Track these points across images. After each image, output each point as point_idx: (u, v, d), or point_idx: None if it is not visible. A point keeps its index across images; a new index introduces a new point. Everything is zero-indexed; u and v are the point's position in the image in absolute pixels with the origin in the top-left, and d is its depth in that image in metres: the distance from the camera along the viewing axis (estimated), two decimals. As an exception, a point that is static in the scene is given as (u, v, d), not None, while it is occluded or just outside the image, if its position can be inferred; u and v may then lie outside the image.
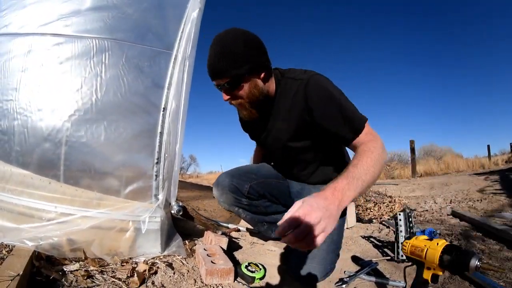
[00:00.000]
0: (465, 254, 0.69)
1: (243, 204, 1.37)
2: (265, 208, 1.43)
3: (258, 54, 1.04)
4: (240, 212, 1.41)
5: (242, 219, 1.50)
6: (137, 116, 1.23)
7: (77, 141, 1.15)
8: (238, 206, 1.38)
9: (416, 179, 7.07)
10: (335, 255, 1.21)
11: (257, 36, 1.06)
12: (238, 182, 1.34)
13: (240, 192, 1.34)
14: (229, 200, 1.36)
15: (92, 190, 1.16)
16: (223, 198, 1.37)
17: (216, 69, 1.01)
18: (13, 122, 1.16)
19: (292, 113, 1.11)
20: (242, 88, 1.04)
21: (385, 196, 3.33)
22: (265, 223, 1.49)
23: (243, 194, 1.35)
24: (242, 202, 1.37)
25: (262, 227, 1.50)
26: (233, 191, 1.34)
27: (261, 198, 1.40)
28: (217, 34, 1.03)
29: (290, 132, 1.16)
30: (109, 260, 1.09)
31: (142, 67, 1.23)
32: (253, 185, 1.36)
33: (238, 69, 1.00)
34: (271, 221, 1.49)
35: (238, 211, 1.40)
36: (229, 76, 1.00)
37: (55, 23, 1.20)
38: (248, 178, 1.36)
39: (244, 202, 1.37)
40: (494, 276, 1.07)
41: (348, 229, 2.02)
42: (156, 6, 1.30)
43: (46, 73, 1.18)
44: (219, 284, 1.05)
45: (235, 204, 1.38)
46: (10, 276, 0.80)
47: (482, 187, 3.83)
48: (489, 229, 1.65)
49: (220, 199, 1.38)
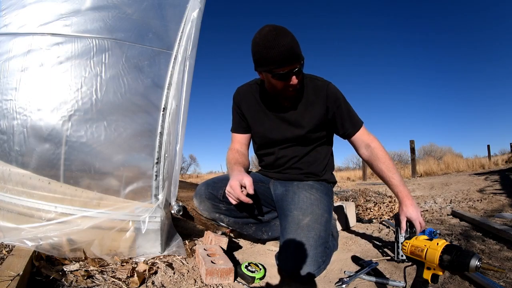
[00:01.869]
0: (465, 254, 0.69)
1: (222, 209, 1.39)
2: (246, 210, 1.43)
3: None
4: (222, 218, 1.41)
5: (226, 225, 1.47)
6: (137, 116, 1.23)
7: (77, 141, 1.15)
8: (218, 212, 1.40)
9: (416, 179, 7.08)
10: (324, 247, 1.21)
11: None
12: (213, 189, 1.39)
13: (216, 198, 1.37)
14: (208, 208, 1.38)
15: (92, 190, 1.16)
16: (202, 206, 1.39)
17: (295, 53, 1.14)
18: (12, 121, 1.16)
19: (316, 106, 1.35)
20: (302, 73, 1.26)
21: (385, 196, 3.33)
22: (251, 224, 1.49)
23: (219, 199, 1.37)
24: (221, 208, 1.39)
25: (250, 229, 1.49)
26: (209, 197, 1.37)
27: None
28: (272, 27, 1.14)
29: (313, 122, 1.36)
30: (109, 260, 1.09)
31: (142, 67, 1.23)
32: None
33: (303, 57, 1.19)
34: (256, 221, 1.49)
35: (220, 217, 1.41)
36: (303, 60, 1.19)
37: (55, 22, 1.20)
38: (224, 184, 1.34)
39: (222, 207, 1.39)
40: (494, 276, 1.07)
41: (348, 229, 2.02)
42: (156, 6, 1.30)
43: (46, 73, 1.19)
44: (219, 284, 1.05)
45: (215, 211, 1.39)
46: (10, 276, 0.80)
47: (482, 187, 3.84)
48: (489, 229, 1.65)
49: (200, 207, 1.40)
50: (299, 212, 1.27)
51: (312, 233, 1.19)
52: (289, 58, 1.13)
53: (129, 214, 1.17)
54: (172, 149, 1.26)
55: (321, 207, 1.31)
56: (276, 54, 1.11)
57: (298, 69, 1.17)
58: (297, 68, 1.17)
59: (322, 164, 1.48)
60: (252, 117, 1.46)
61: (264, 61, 1.16)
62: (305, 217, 1.24)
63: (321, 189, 1.41)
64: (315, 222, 1.23)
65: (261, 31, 1.16)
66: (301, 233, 1.19)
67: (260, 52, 1.15)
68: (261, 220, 1.51)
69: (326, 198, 1.39)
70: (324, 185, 1.47)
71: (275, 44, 1.11)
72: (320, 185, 1.44)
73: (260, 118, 1.44)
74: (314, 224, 1.23)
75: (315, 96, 1.34)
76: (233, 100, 1.51)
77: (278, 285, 1.15)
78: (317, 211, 1.27)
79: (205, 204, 1.38)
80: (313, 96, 1.35)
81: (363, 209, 2.77)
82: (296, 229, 1.21)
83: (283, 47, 1.11)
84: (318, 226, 1.23)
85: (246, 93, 1.48)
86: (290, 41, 1.13)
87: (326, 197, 1.40)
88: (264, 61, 1.16)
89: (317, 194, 1.36)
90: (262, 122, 1.44)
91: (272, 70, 1.16)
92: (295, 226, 1.22)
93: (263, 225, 1.53)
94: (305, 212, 1.27)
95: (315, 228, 1.21)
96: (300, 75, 1.22)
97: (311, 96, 1.35)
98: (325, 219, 1.28)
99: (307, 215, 1.25)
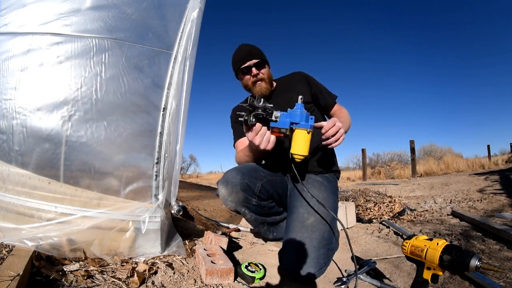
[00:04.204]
0: (465, 254, 0.69)
1: (252, 204, 1.34)
2: (269, 209, 1.43)
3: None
4: (246, 212, 1.37)
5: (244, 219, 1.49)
6: (137, 116, 1.22)
7: (77, 141, 1.15)
8: (245, 207, 1.34)
9: (416, 179, 7.08)
10: (327, 249, 1.21)
11: None
12: (250, 180, 1.31)
13: (252, 191, 1.31)
14: (239, 200, 1.31)
15: (92, 190, 1.16)
16: (232, 197, 1.31)
17: (252, 53, 1.51)
18: (12, 121, 1.16)
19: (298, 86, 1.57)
20: (265, 68, 1.54)
21: (385, 196, 3.33)
22: (265, 223, 1.49)
23: (254, 194, 1.32)
24: (251, 202, 1.33)
25: (263, 227, 1.50)
26: (245, 189, 1.29)
27: (269, 198, 1.40)
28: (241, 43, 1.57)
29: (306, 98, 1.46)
30: (109, 260, 1.09)
31: (142, 67, 1.23)
32: (263, 183, 1.35)
33: (265, 57, 1.55)
34: (271, 222, 1.49)
35: (244, 212, 1.37)
36: (259, 58, 1.51)
37: (55, 22, 1.20)
38: (259, 176, 1.34)
39: (254, 202, 1.34)
40: (494, 276, 1.07)
41: (348, 229, 2.02)
42: (156, 6, 1.30)
43: (45, 73, 1.18)
44: (219, 284, 1.05)
45: (244, 204, 1.33)
46: (10, 276, 0.80)
47: (482, 187, 3.83)
48: (489, 229, 1.65)
49: (229, 198, 1.32)
50: (304, 210, 1.27)
51: (316, 234, 1.19)
52: (248, 55, 1.49)
53: (129, 214, 1.17)
54: (172, 149, 1.25)
55: (327, 206, 1.30)
56: (238, 55, 1.53)
57: (256, 63, 1.49)
58: (255, 62, 1.49)
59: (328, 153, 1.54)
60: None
61: (234, 64, 1.55)
62: (310, 216, 1.24)
63: (329, 187, 1.42)
64: (320, 223, 1.23)
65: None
66: (305, 232, 1.19)
67: (232, 60, 1.56)
68: (274, 222, 1.52)
69: (333, 197, 1.39)
70: (332, 182, 1.49)
71: (239, 50, 1.55)
72: (329, 183, 1.45)
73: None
74: (319, 224, 1.22)
75: (294, 81, 1.61)
76: (231, 118, 1.67)
77: (278, 285, 1.15)
78: (323, 211, 1.27)
79: (237, 195, 1.30)
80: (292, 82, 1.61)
81: (363, 209, 2.77)
82: (301, 228, 1.21)
83: (243, 50, 1.53)
84: (322, 226, 1.22)
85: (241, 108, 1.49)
86: (249, 47, 1.54)
87: (333, 196, 1.40)
88: (234, 64, 1.55)
89: (325, 193, 1.36)
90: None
91: (239, 68, 1.51)
92: (300, 224, 1.22)
93: (274, 226, 1.53)
94: (310, 210, 1.26)
95: (319, 228, 1.21)
96: (260, 68, 1.51)
97: (289, 84, 1.61)
98: (330, 219, 1.27)
99: (312, 214, 1.25)
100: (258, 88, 1.53)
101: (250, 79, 1.51)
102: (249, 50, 1.52)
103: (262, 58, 1.52)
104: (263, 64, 1.52)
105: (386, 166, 10.92)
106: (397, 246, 1.57)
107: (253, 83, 1.52)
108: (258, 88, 1.52)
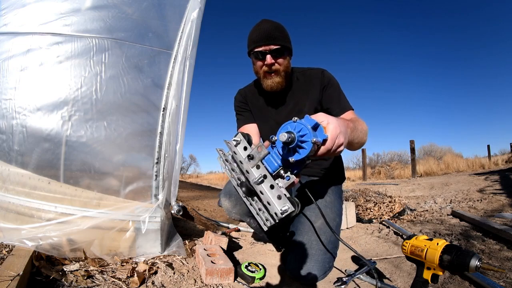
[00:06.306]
0: (465, 254, 0.69)
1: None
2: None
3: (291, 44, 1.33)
4: (251, 222, 1.36)
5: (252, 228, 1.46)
6: (137, 116, 1.22)
7: (77, 141, 1.15)
8: (251, 217, 1.32)
9: (416, 179, 7.08)
10: (333, 253, 1.21)
11: None
12: None
13: None
14: (243, 211, 1.29)
15: (92, 190, 1.16)
16: (236, 209, 1.29)
17: (272, 36, 1.23)
18: (11, 121, 1.16)
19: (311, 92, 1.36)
20: (284, 59, 1.28)
21: (385, 196, 3.33)
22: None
23: None
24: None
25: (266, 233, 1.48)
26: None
27: None
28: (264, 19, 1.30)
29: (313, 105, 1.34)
30: (109, 260, 1.09)
31: (142, 67, 1.23)
32: None
33: (287, 43, 1.27)
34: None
35: (249, 222, 1.36)
36: (280, 44, 1.24)
37: (55, 22, 1.20)
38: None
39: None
40: (494, 276, 1.07)
41: (348, 229, 2.02)
42: (156, 5, 1.30)
43: (45, 73, 1.18)
44: (219, 284, 1.05)
45: (249, 215, 1.30)
46: (10, 276, 0.80)
47: (482, 187, 3.83)
48: (489, 229, 1.65)
49: (233, 210, 1.30)
50: (312, 213, 1.26)
51: (323, 237, 1.19)
52: (265, 38, 1.23)
53: (129, 214, 1.17)
54: (172, 149, 1.25)
55: (334, 210, 1.29)
56: (256, 34, 1.26)
57: (274, 50, 1.23)
58: (274, 49, 1.23)
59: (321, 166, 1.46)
60: (257, 112, 1.44)
61: (248, 42, 1.30)
62: (317, 219, 1.23)
63: (336, 191, 1.41)
64: (326, 226, 1.23)
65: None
66: (312, 236, 1.19)
67: (248, 35, 1.30)
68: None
69: (339, 201, 1.38)
70: (338, 187, 1.46)
71: (258, 27, 1.27)
72: (335, 187, 1.43)
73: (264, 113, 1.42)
74: (326, 228, 1.22)
75: (310, 84, 1.38)
76: (236, 99, 1.49)
77: (278, 285, 1.15)
78: (330, 215, 1.26)
79: (241, 207, 1.26)
80: (308, 84, 1.38)
81: (363, 209, 2.77)
82: (308, 231, 1.20)
83: (262, 29, 1.25)
84: (329, 230, 1.22)
85: (248, 91, 1.48)
86: (270, 26, 1.25)
87: (339, 200, 1.39)
88: (248, 42, 1.30)
89: (332, 196, 1.35)
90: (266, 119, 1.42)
91: (253, 49, 1.27)
92: (307, 227, 1.22)
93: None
94: (318, 214, 1.26)
95: (326, 232, 1.20)
96: (278, 58, 1.26)
97: (304, 85, 1.39)
98: (337, 223, 1.27)
99: (320, 217, 1.24)
100: (270, 81, 1.29)
101: (263, 67, 1.27)
102: (269, 31, 1.23)
103: (284, 45, 1.25)
104: (282, 53, 1.25)
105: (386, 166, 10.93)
106: (397, 246, 1.57)
107: (264, 74, 1.28)
108: (269, 82, 1.29)
